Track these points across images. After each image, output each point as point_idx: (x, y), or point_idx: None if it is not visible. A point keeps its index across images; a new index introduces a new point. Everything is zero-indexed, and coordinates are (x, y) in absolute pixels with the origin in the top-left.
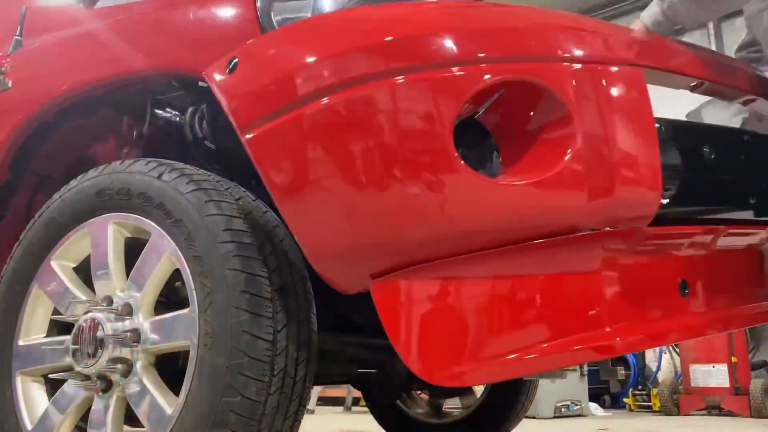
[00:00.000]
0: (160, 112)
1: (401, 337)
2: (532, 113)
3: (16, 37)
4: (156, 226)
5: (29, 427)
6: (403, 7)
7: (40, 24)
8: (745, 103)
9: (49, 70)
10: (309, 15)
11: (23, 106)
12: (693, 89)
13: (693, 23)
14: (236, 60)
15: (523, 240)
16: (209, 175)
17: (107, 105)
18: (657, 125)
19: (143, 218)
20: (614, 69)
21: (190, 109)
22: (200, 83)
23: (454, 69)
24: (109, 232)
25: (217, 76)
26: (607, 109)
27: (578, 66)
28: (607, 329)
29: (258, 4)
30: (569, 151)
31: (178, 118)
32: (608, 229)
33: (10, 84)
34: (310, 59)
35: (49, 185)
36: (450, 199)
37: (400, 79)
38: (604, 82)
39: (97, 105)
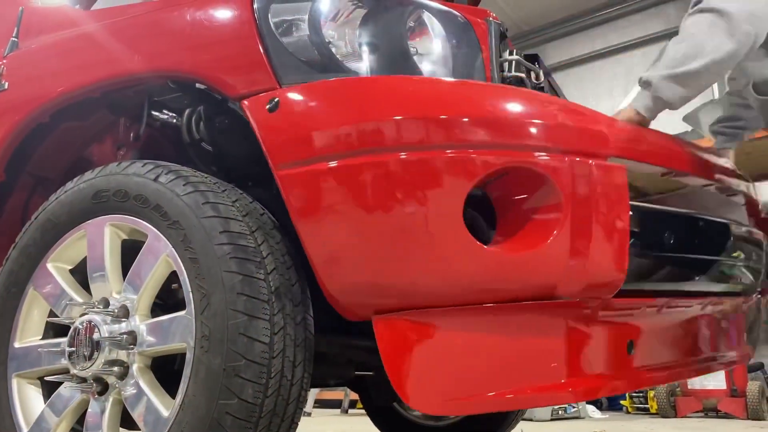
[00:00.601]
0: (157, 113)
1: (392, 366)
2: (530, 193)
3: (13, 39)
4: (153, 228)
5: (25, 429)
6: (436, 85)
7: (36, 25)
8: (704, 186)
9: (46, 72)
10: (306, 17)
11: (20, 107)
12: (663, 175)
13: (681, 102)
14: (278, 100)
15: (508, 300)
16: (206, 177)
17: (104, 106)
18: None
19: (140, 220)
20: (603, 162)
21: (187, 111)
22: (197, 85)
23: (471, 151)
24: (105, 234)
25: (256, 111)
26: (592, 198)
27: (574, 158)
28: (562, 380)
29: (255, 6)
30: (557, 230)
31: (175, 120)
32: (579, 299)
33: (6, 85)
34: (353, 120)
35: (46, 187)
36: (449, 259)
37: (426, 152)
38: (593, 174)
39: (94, 106)
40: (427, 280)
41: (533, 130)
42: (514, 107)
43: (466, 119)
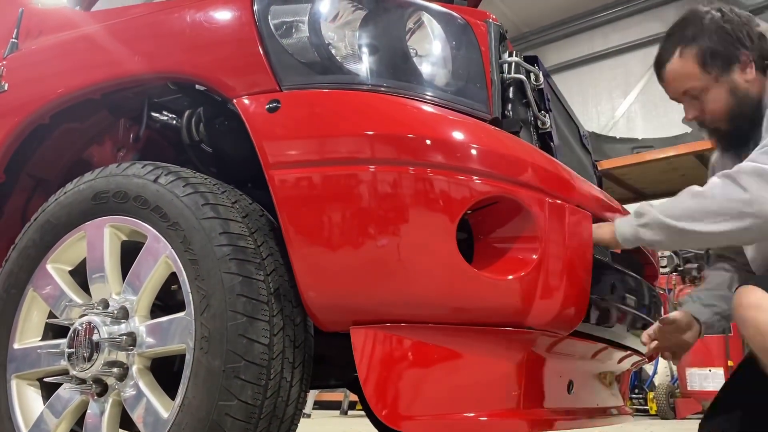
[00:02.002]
0: (157, 115)
1: (364, 376)
2: (512, 224)
3: (13, 40)
4: (152, 229)
5: (24, 430)
6: (438, 116)
7: (36, 27)
8: None
9: (46, 73)
10: (306, 18)
11: (20, 108)
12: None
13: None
14: (279, 104)
15: (479, 323)
16: (206, 179)
17: (104, 108)
18: None
19: (139, 221)
20: (575, 208)
21: (186, 113)
22: (197, 86)
23: (471, 176)
24: (105, 236)
25: (252, 110)
26: (563, 238)
27: (554, 200)
28: (524, 409)
29: (255, 7)
30: (531, 262)
31: (174, 121)
32: (543, 330)
33: (6, 87)
34: (353, 130)
35: (46, 188)
36: (439, 277)
37: (429, 171)
38: (567, 217)
39: (94, 108)
40: (413, 296)
41: (526, 170)
42: (514, 150)
43: (473, 150)
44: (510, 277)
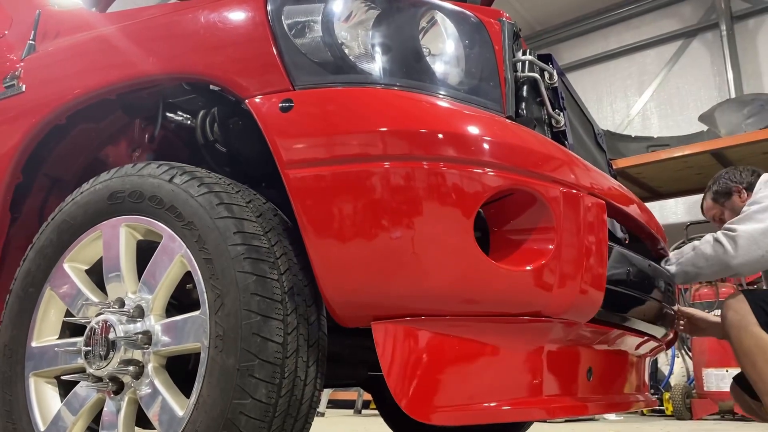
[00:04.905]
0: (172, 115)
1: (387, 371)
2: (528, 215)
3: (30, 42)
4: (167, 228)
5: (42, 428)
6: (455, 110)
7: (53, 28)
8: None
9: (62, 74)
10: (319, 18)
11: (37, 109)
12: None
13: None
14: (292, 103)
15: (498, 314)
16: (220, 178)
17: (119, 108)
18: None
19: (155, 221)
20: (590, 197)
21: (201, 113)
22: (211, 87)
23: (488, 169)
24: (121, 235)
25: (265, 110)
26: (579, 228)
27: (569, 189)
28: (545, 396)
29: (269, 8)
30: (548, 252)
31: (189, 122)
32: (562, 319)
33: (24, 88)
34: (369, 127)
35: (62, 188)
36: (458, 270)
37: (445, 164)
38: (581, 206)
39: (110, 108)
40: (433, 290)
41: (540, 160)
42: (528, 142)
43: (491, 143)
44: (528, 267)
